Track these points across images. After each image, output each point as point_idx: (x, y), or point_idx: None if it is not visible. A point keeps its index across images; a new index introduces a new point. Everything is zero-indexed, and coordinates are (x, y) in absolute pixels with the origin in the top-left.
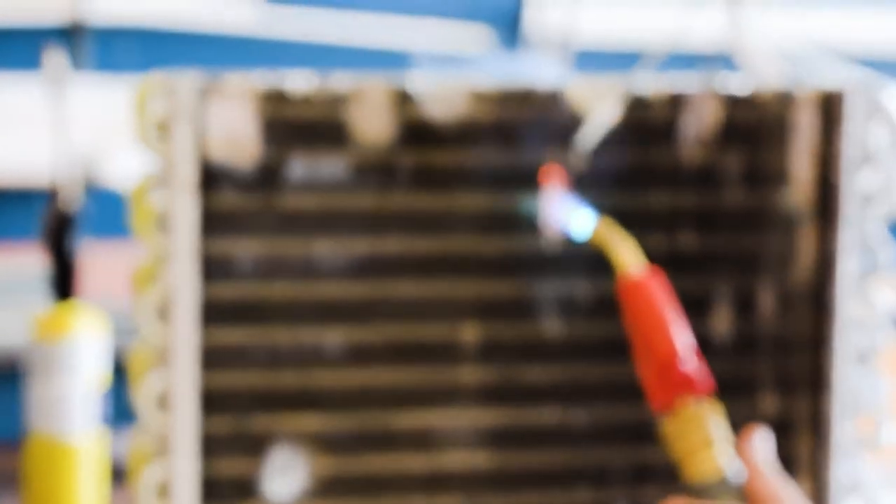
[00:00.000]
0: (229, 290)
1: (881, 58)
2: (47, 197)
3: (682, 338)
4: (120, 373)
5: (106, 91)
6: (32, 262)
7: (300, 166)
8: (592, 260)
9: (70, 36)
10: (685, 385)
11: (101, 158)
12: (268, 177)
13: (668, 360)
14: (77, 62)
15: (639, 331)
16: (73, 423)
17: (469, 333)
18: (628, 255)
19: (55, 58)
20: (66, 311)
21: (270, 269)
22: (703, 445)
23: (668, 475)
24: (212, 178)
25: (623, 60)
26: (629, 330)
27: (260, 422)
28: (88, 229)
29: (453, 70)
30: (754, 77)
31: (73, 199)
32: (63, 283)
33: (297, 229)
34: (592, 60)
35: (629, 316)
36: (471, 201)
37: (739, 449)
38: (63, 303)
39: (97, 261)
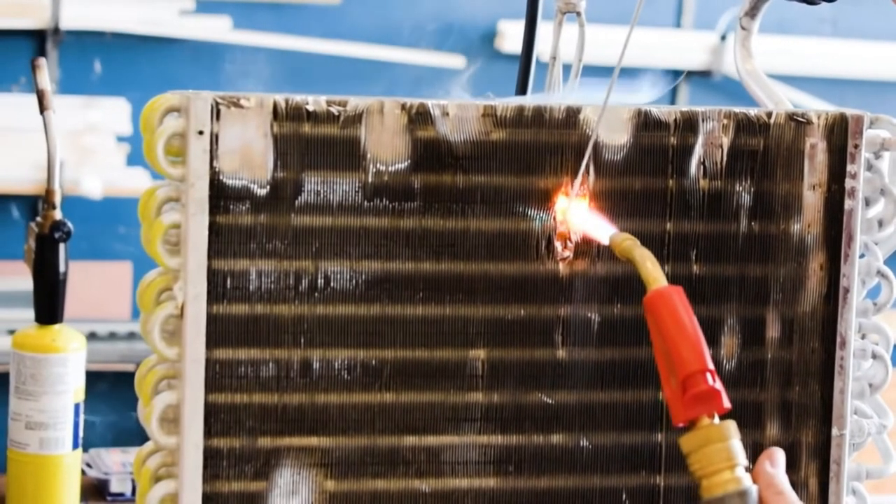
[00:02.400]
0: (237, 309)
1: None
2: (31, 215)
3: (706, 354)
4: (111, 390)
5: (79, 105)
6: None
7: (313, 185)
8: (603, 285)
9: (45, 46)
10: (708, 399)
11: (81, 173)
12: (280, 195)
13: (693, 373)
14: (53, 73)
15: (664, 344)
16: (55, 438)
17: (479, 357)
18: (654, 270)
19: (38, 69)
20: (49, 329)
21: (279, 287)
22: (721, 461)
23: (675, 502)
24: (224, 196)
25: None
26: (654, 344)
27: (266, 441)
28: (73, 247)
29: (464, 92)
30: (765, 103)
31: (57, 216)
32: (48, 305)
33: (308, 248)
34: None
35: (655, 329)
36: (483, 223)
37: (756, 467)
38: (47, 321)
39: (81, 278)
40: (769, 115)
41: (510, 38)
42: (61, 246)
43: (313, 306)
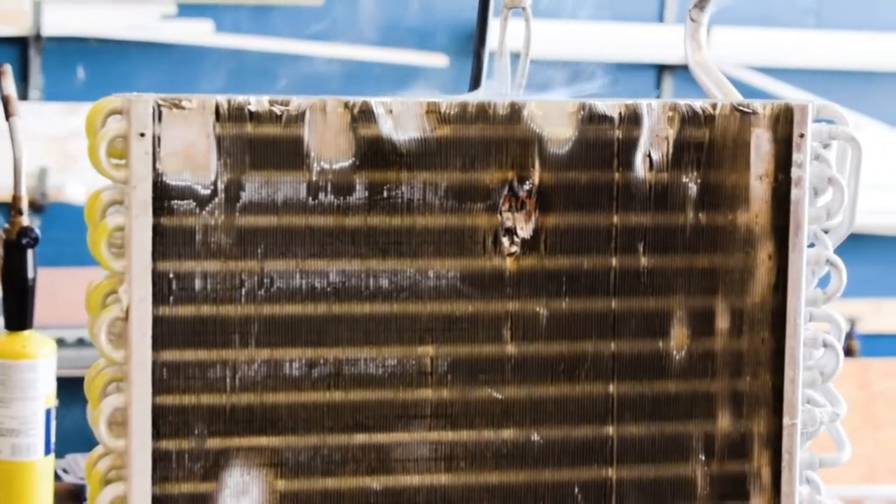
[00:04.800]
0: (183, 310)
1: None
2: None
3: None
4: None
5: (63, 111)
6: None
7: (257, 185)
8: (550, 279)
9: (27, 53)
10: None
11: (66, 179)
12: (224, 196)
13: None
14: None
15: None
16: (26, 444)
17: (427, 353)
18: None
19: (3, 75)
20: (19, 336)
21: (225, 288)
22: None
23: (624, 496)
24: (168, 197)
25: (576, 76)
26: None
27: (215, 442)
28: (60, 253)
29: (413, 89)
30: (711, 95)
31: (24, 222)
32: (17, 311)
33: (254, 248)
34: (549, 76)
35: None
36: (429, 220)
37: None
38: (16, 328)
39: (67, 284)
40: (714, 106)
41: (493, 35)
42: (29, 252)
43: (260, 306)
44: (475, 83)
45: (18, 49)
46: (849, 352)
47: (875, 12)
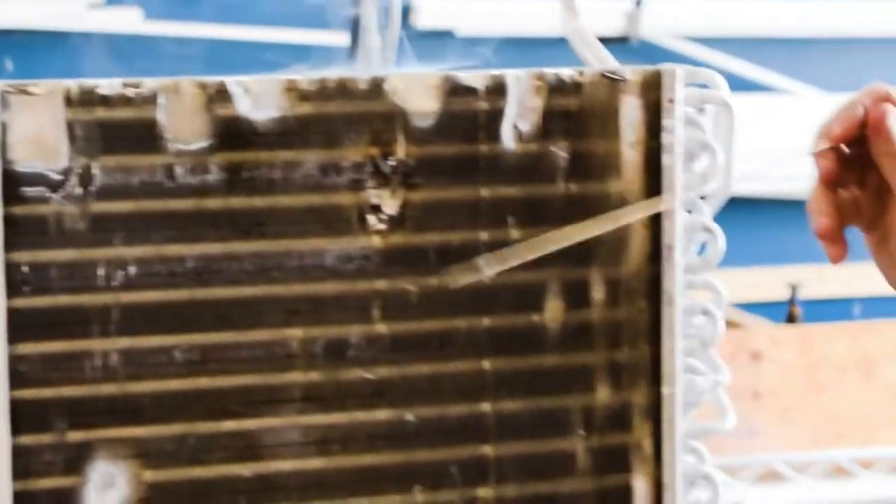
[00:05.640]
0: (39, 301)
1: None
2: None
3: None
4: None
5: None
6: None
7: (111, 170)
8: (419, 256)
9: None
10: None
11: None
12: (78, 182)
13: None
14: None
15: None
16: None
17: (295, 336)
18: None
19: None
20: None
21: (82, 277)
22: None
23: (504, 474)
24: (19, 185)
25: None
26: None
27: (78, 435)
28: None
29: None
30: (582, 62)
31: None
32: None
33: (110, 235)
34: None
35: None
36: (292, 200)
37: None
38: None
39: None
40: (582, 73)
41: (425, 13)
42: None
43: (119, 294)
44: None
45: None
46: (791, 318)
47: None
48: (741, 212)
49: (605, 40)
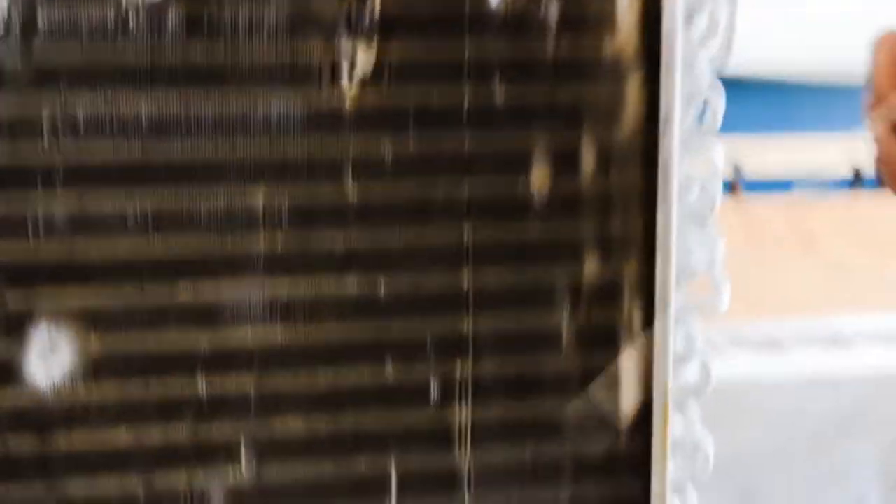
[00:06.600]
0: None
1: None
2: None
3: None
4: None
5: None
6: None
7: (57, 18)
8: (396, 116)
9: None
10: None
11: None
12: (19, 27)
13: None
14: None
15: None
16: None
17: (258, 198)
18: None
19: None
20: None
21: (25, 129)
22: None
23: (482, 350)
24: None
25: None
26: None
27: (18, 299)
28: None
29: None
30: None
31: None
32: None
33: (54, 85)
34: None
35: None
36: (256, 54)
37: None
38: None
39: None
40: None
41: None
42: None
43: (66, 148)
44: None
45: None
46: (732, 187)
47: None
48: None
49: None
